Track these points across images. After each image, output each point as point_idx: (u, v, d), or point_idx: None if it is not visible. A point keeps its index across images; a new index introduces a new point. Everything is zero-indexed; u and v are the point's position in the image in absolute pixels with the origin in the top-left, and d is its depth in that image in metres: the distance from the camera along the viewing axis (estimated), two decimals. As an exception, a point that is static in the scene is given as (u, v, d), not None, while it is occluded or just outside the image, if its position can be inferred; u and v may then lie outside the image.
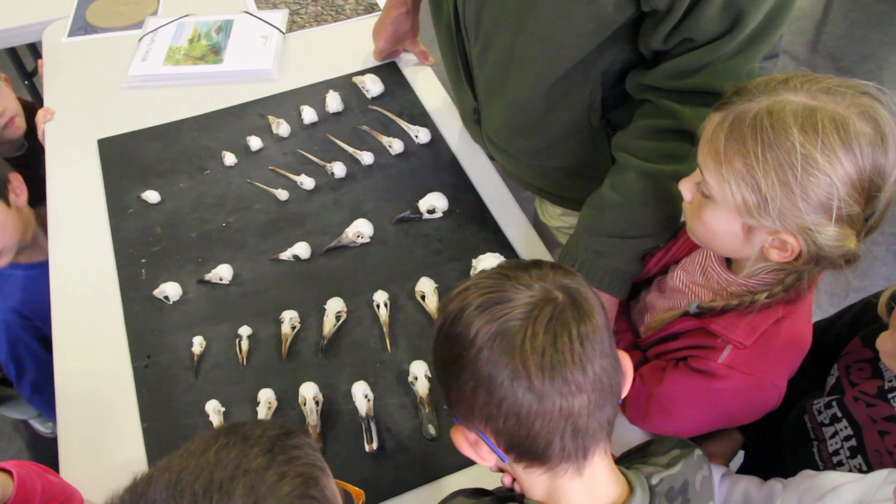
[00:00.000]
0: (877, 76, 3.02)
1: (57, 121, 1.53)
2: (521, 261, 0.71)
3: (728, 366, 0.85)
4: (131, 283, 1.20)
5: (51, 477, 0.89)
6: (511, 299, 0.63)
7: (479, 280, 0.67)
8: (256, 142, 1.41)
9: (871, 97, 0.74)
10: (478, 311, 0.64)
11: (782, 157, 0.72)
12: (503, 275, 0.66)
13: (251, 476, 0.57)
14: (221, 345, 1.11)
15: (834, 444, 0.97)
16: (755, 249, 0.81)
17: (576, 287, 0.65)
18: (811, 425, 1.01)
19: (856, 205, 0.73)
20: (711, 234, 0.84)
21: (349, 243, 1.23)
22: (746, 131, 0.74)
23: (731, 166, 0.76)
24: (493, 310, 0.63)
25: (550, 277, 0.65)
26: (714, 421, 0.95)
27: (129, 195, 1.34)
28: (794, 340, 0.87)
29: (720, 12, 0.84)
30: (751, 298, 0.83)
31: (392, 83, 1.53)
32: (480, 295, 0.65)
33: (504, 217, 1.26)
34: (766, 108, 0.74)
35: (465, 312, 0.64)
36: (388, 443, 0.99)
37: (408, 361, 1.07)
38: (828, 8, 3.38)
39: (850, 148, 0.71)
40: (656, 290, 1.04)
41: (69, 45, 1.72)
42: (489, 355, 0.62)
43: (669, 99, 0.95)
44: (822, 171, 0.71)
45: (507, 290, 0.64)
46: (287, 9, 1.76)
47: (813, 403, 1.01)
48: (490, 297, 0.64)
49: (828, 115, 0.72)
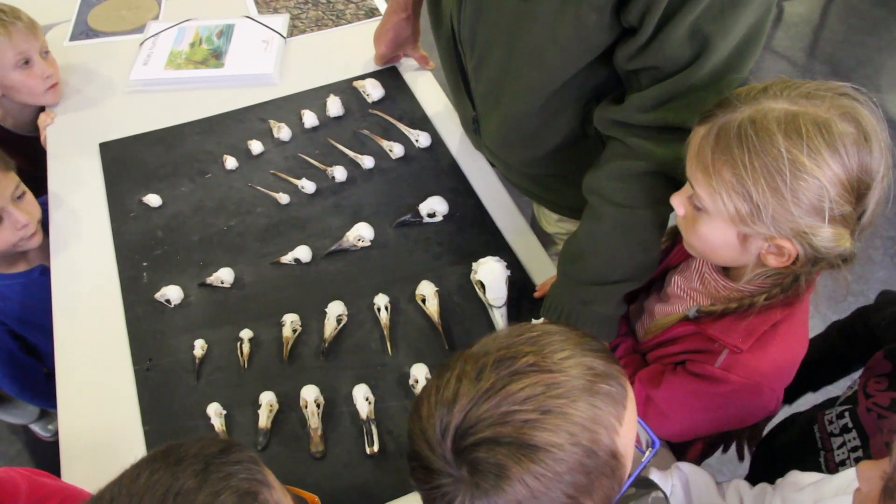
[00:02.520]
0: (874, 81, 3.03)
1: (59, 125, 1.53)
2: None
3: (725, 370, 0.86)
4: (133, 287, 1.21)
5: (45, 479, 0.88)
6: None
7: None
8: (257, 146, 1.42)
9: (849, 98, 0.75)
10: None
11: (770, 164, 0.73)
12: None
13: (181, 499, 0.56)
14: (223, 348, 1.12)
15: (841, 454, 0.98)
16: (752, 257, 0.82)
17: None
18: (820, 435, 1.01)
19: (847, 204, 0.74)
20: (708, 245, 0.85)
21: (350, 247, 1.24)
22: (732, 142, 0.75)
23: (720, 177, 0.76)
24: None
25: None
26: (711, 425, 0.96)
27: (130, 199, 1.35)
28: (791, 344, 0.88)
29: (687, 38, 0.81)
30: (749, 301, 0.84)
31: (392, 87, 1.53)
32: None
33: (504, 221, 1.27)
34: (748, 118, 0.75)
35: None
36: (388, 445, 1.00)
37: (408, 364, 1.08)
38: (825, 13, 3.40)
39: (835, 149, 0.72)
40: (655, 295, 1.04)
41: (71, 49, 1.73)
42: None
43: (641, 137, 0.92)
44: (810, 175, 0.72)
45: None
46: (288, 13, 1.77)
47: (825, 413, 1.02)
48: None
49: (810, 119, 0.73)
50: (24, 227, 1.30)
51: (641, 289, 1.08)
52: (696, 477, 0.92)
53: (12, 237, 1.30)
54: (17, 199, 1.31)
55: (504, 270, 1.15)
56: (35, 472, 0.88)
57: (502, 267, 1.15)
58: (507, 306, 1.12)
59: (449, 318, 1.13)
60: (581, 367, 0.61)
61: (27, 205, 1.33)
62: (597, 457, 0.59)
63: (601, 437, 0.59)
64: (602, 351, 0.65)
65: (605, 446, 0.60)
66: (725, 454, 1.26)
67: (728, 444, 1.23)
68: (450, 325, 1.12)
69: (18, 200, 1.31)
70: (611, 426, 0.60)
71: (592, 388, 0.60)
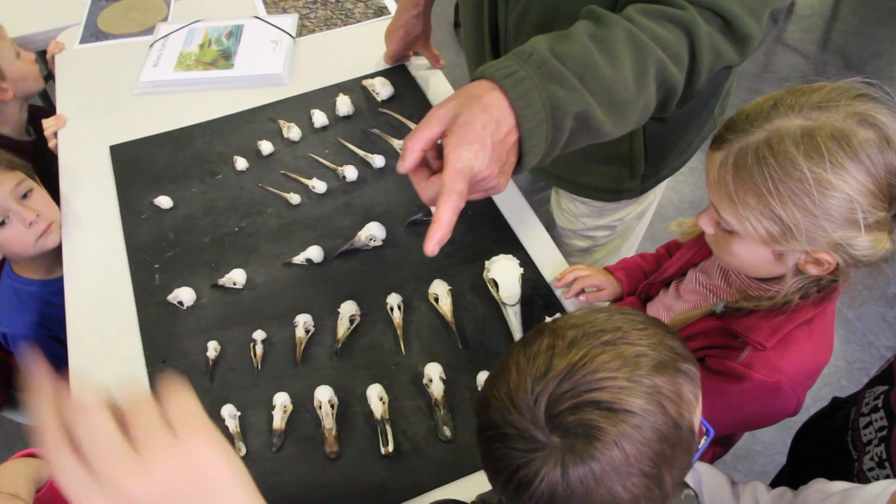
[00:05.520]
0: (887, 72, 3.00)
1: (69, 128, 1.53)
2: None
3: (746, 366, 0.85)
4: (145, 289, 1.21)
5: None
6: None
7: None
8: (268, 146, 1.42)
9: (863, 99, 0.73)
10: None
11: (795, 187, 0.72)
12: None
13: None
14: (236, 349, 1.12)
15: (868, 433, 0.97)
16: (790, 268, 0.81)
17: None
18: (853, 416, 1.01)
19: (881, 210, 0.73)
20: (743, 263, 0.84)
21: (362, 246, 1.23)
22: (752, 168, 0.74)
23: (746, 204, 0.76)
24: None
25: None
26: (729, 423, 0.94)
27: (141, 201, 1.35)
28: (815, 346, 0.86)
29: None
30: (783, 300, 0.82)
31: (402, 86, 1.53)
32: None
33: (516, 219, 1.26)
34: (764, 141, 0.73)
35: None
36: (403, 445, 0.99)
37: (422, 363, 1.07)
38: (837, 5, 3.36)
39: (858, 160, 0.71)
40: (674, 292, 1.03)
41: (81, 51, 1.73)
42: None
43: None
44: (838, 190, 0.71)
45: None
46: (297, 13, 1.76)
47: (865, 394, 1.01)
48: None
49: (827, 134, 0.71)
50: (33, 224, 1.30)
51: (659, 285, 1.06)
52: (710, 477, 0.90)
53: (28, 236, 1.30)
54: (23, 198, 1.31)
55: (517, 268, 1.14)
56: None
57: (515, 265, 1.14)
58: (520, 304, 1.11)
59: (462, 316, 1.13)
60: (664, 346, 0.62)
61: (35, 202, 1.32)
62: (680, 430, 0.60)
63: (684, 411, 0.60)
64: (678, 336, 0.66)
65: (687, 421, 0.61)
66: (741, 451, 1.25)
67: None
68: (463, 324, 1.12)
69: (25, 199, 1.31)
70: (691, 403, 0.61)
71: (676, 366, 0.61)
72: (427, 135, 0.74)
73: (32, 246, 1.31)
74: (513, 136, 0.75)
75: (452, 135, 0.73)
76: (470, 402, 1.03)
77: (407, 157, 0.75)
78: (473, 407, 1.01)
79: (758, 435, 1.94)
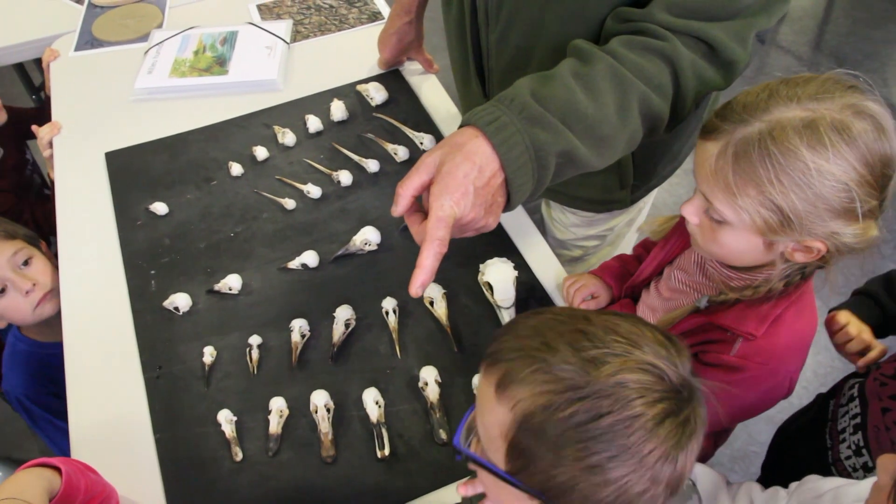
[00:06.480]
0: (880, 74, 3.02)
1: (64, 134, 1.54)
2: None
3: (741, 357, 0.86)
4: (141, 295, 1.21)
5: (92, 475, 0.90)
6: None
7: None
8: (262, 152, 1.42)
9: (853, 91, 0.75)
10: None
11: (798, 178, 0.73)
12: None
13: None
14: (232, 354, 1.12)
15: (843, 422, 0.98)
16: (777, 256, 0.82)
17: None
18: (832, 407, 1.02)
19: (874, 199, 0.75)
20: (731, 253, 0.84)
21: (357, 251, 1.23)
22: (755, 160, 0.74)
23: (745, 196, 0.76)
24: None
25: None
26: (729, 414, 0.95)
27: (137, 207, 1.35)
28: (803, 324, 0.88)
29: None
30: (767, 287, 0.83)
31: (396, 91, 1.53)
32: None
33: (510, 222, 1.26)
34: (767, 132, 0.74)
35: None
36: (399, 449, 1.00)
37: (418, 367, 1.07)
38: (830, 7, 3.38)
39: (859, 151, 0.72)
40: (655, 292, 1.03)
41: (76, 59, 1.73)
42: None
43: (662, 26, 0.85)
44: (838, 181, 0.72)
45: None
46: (291, 19, 1.77)
47: (845, 386, 1.03)
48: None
49: (828, 124, 0.72)
50: (30, 293, 1.32)
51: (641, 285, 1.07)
52: (704, 477, 0.90)
53: (25, 305, 1.32)
54: (25, 264, 1.33)
55: (511, 271, 1.15)
56: (86, 466, 0.90)
57: (509, 268, 1.15)
58: (515, 307, 1.12)
59: (457, 319, 1.13)
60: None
61: (34, 271, 1.35)
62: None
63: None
64: (676, 343, 0.67)
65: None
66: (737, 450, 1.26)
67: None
68: (458, 327, 1.12)
69: (25, 266, 1.33)
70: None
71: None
72: (417, 182, 0.81)
73: (30, 314, 1.34)
74: (497, 179, 0.80)
75: (436, 184, 0.79)
76: (465, 405, 1.03)
77: (399, 202, 0.82)
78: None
79: (755, 436, 1.95)
